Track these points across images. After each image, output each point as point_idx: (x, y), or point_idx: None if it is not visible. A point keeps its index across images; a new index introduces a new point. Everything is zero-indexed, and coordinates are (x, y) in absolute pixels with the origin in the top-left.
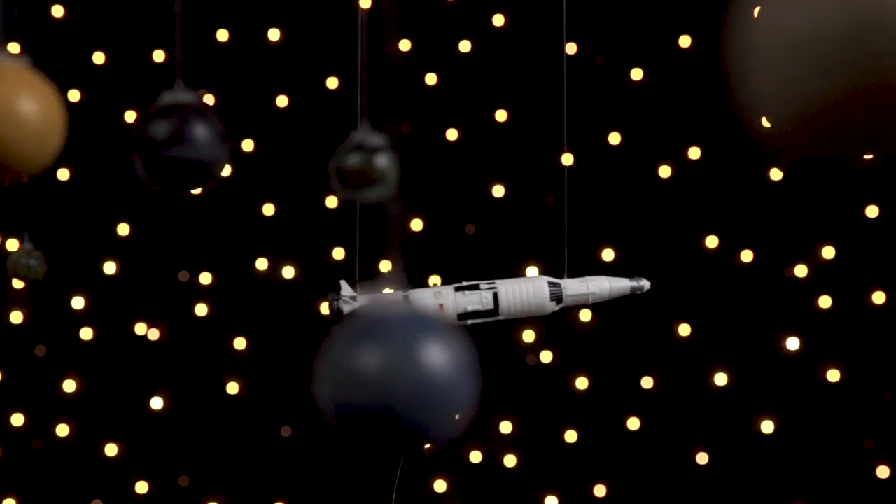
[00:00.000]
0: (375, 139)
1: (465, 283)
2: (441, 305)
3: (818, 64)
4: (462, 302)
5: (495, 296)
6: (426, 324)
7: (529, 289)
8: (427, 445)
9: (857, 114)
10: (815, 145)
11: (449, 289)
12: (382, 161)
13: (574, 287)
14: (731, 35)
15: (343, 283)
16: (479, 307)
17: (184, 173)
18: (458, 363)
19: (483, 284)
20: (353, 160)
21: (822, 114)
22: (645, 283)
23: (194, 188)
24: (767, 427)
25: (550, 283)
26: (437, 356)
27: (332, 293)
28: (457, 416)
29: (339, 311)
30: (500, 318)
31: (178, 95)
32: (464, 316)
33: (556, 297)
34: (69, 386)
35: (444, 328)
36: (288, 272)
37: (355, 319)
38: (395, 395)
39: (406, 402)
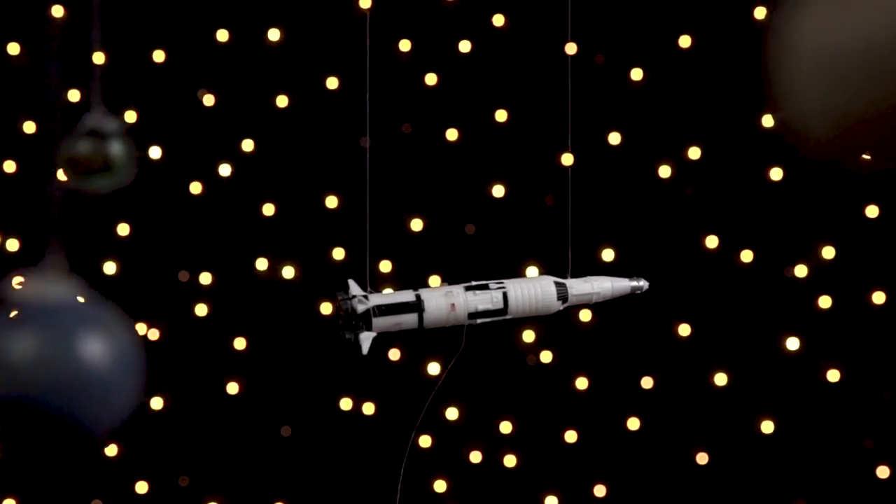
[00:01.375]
0: (109, 125)
1: (474, 283)
2: (453, 305)
3: (859, 76)
4: (473, 301)
5: (505, 295)
6: (87, 314)
7: (537, 288)
8: None
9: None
10: (852, 153)
11: (459, 288)
12: (115, 148)
13: (579, 287)
14: (774, 43)
15: (351, 283)
16: (489, 306)
17: None
18: (117, 356)
19: (492, 284)
20: (84, 147)
21: (863, 124)
22: (644, 284)
23: None
24: (767, 427)
25: (557, 283)
26: (96, 348)
27: (341, 292)
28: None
29: (353, 310)
30: (508, 317)
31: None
32: (474, 315)
33: (563, 297)
34: None
35: (107, 319)
36: (288, 272)
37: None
38: (47, 385)
39: (59, 393)
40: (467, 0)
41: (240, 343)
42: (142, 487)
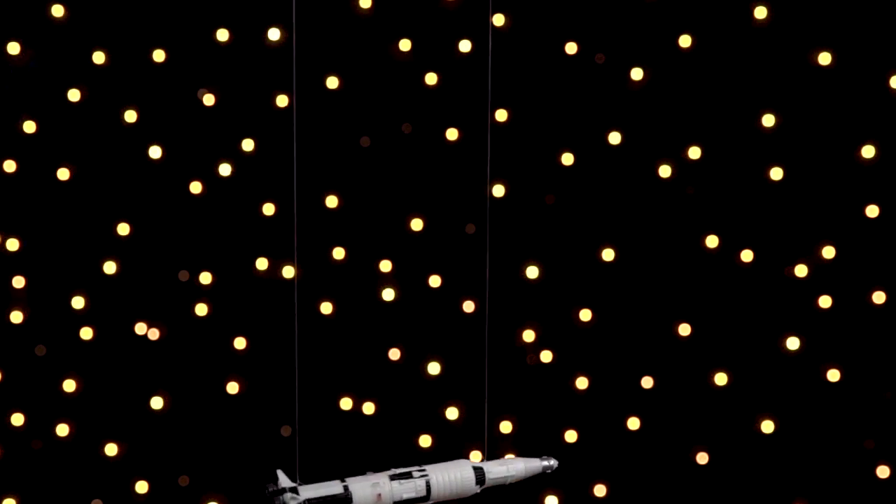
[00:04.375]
0: None
1: (398, 471)
2: (379, 495)
3: None
4: (398, 490)
5: (427, 483)
6: None
7: (457, 474)
8: None
9: None
10: None
11: (385, 478)
12: None
13: (495, 470)
14: None
15: (280, 474)
16: (413, 495)
17: None
18: None
19: (415, 472)
20: None
21: None
22: (553, 462)
23: None
24: (767, 427)
25: (475, 468)
26: None
27: (270, 484)
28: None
29: None
30: (430, 502)
31: None
32: (399, 503)
33: (480, 481)
34: (69, 386)
35: None
36: (288, 272)
37: None
38: None
39: None
40: (467, 0)
41: (240, 343)
42: (142, 487)
